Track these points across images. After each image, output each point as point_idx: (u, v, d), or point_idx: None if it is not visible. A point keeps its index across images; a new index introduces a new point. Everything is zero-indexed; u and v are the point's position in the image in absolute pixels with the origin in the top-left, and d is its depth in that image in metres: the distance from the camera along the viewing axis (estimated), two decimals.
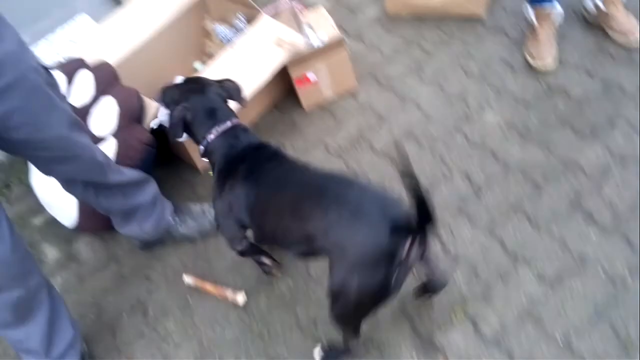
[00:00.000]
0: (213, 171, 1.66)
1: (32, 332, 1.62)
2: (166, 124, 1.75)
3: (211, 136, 1.62)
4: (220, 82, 1.74)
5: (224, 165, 1.60)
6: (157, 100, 1.82)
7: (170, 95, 1.72)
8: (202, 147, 1.66)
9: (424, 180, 2.05)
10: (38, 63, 1.45)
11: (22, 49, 1.40)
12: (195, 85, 1.70)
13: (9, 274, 1.50)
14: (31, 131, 1.44)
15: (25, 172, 2.31)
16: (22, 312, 1.58)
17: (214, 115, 1.64)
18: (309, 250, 1.43)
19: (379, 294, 1.32)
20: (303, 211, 1.39)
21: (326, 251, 1.36)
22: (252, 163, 1.56)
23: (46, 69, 1.50)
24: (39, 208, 2.24)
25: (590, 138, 2.05)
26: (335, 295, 1.37)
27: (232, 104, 1.75)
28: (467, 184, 2.02)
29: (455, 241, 1.88)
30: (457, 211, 1.95)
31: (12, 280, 1.52)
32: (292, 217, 1.42)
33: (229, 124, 1.63)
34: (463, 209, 1.96)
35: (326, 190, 1.38)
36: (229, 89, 1.73)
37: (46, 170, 1.67)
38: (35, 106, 1.42)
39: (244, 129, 1.66)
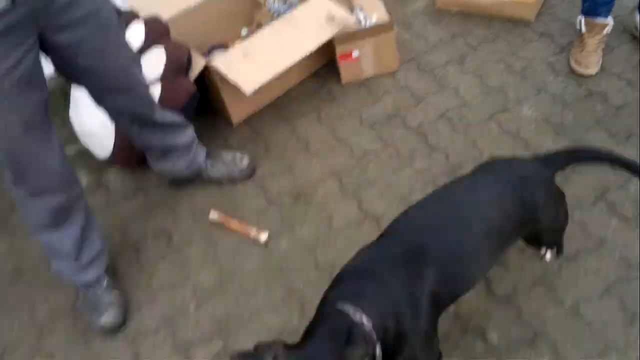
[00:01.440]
0: None
1: (65, 237, 1.90)
2: None
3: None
4: None
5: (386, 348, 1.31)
6: None
7: None
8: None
9: (452, 158, 2.35)
10: (113, 4, 1.80)
11: None
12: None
13: (56, 179, 1.81)
14: (97, 59, 1.75)
15: (60, 106, 2.63)
16: (60, 217, 1.86)
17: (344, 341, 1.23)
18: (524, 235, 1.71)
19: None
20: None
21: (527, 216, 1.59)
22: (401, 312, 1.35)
23: (118, 12, 1.85)
24: (72, 139, 2.54)
25: (623, 141, 2.30)
26: (564, 220, 1.80)
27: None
28: None
29: None
30: None
31: (58, 185, 1.81)
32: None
33: (353, 329, 1.26)
34: None
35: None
36: None
37: (100, 99, 1.96)
38: (105, 37, 1.74)
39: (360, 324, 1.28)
